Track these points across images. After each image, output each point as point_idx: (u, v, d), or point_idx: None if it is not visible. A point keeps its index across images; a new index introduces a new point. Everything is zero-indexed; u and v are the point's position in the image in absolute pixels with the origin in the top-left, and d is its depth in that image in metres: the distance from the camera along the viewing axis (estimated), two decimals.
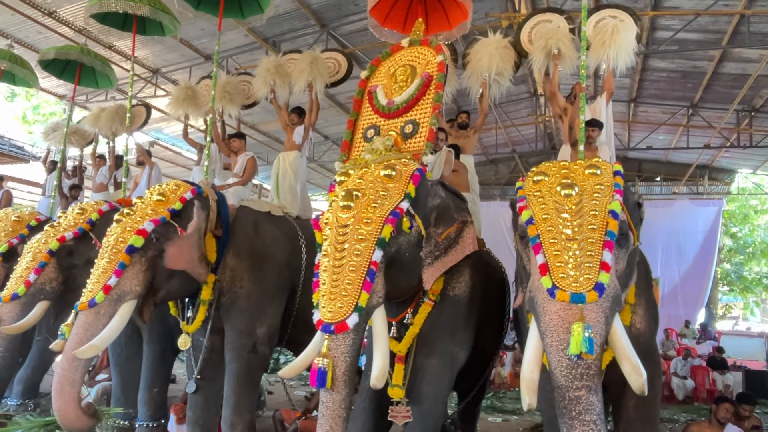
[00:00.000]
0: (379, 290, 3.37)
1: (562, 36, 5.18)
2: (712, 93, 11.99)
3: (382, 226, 3.39)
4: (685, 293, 15.25)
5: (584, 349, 2.67)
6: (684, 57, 10.67)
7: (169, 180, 4.85)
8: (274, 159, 6.42)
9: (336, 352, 3.15)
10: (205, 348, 4.75)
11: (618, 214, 3.07)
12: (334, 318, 3.17)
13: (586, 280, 2.85)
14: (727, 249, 19.75)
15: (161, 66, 11.27)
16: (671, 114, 13.40)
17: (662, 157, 17.06)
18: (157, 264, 4.22)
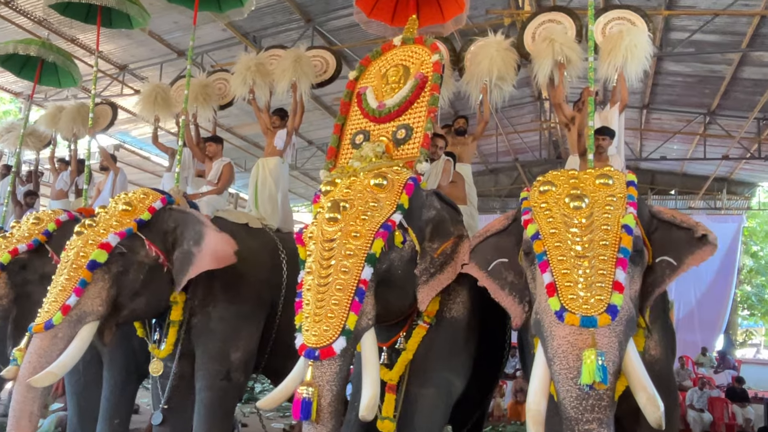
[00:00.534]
0: (369, 311, 3.36)
1: (568, 41, 5.24)
2: (731, 100, 12.17)
3: (372, 240, 3.38)
4: (702, 318, 15.33)
5: (597, 379, 2.67)
6: (700, 60, 10.84)
7: (136, 188, 4.83)
8: (253, 166, 6.42)
9: (321, 380, 3.13)
10: (174, 374, 4.69)
11: (632, 228, 3.09)
12: (319, 342, 3.15)
13: (598, 302, 2.87)
14: (748, 269, 19.93)
15: (129, 62, 11.26)
16: (687, 122, 13.58)
17: (677, 168, 17.27)
18: (122, 281, 4.19)
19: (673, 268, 3.35)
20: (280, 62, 6.26)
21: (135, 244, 4.26)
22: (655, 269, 3.39)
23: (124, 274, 4.19)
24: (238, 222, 5.30)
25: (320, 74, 6.52)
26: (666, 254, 3.40)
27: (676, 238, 3.44)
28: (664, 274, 3.36)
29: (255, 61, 6.40)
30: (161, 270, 4.38)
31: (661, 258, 3.40)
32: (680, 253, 3.38)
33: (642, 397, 2.84)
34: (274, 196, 6.00)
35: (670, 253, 3.39)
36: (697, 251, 3.35)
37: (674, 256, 3.38)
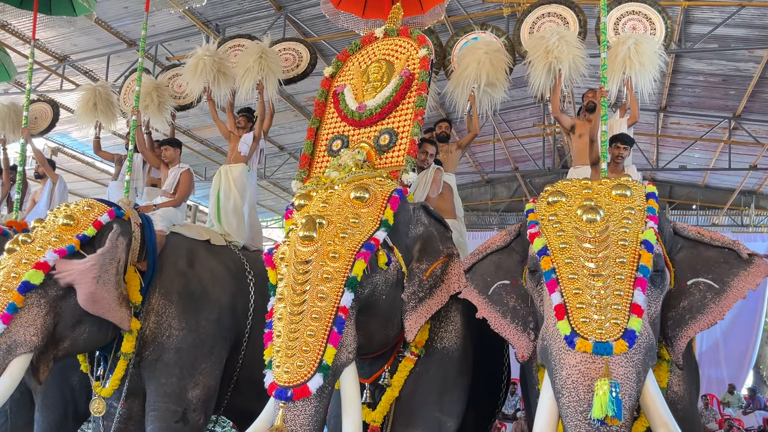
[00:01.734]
0: (350, 344, 3.37)
1: (566, 47, 5.30)
2: (759, 102, 12.38)
3: (352, 261, 3.40)
4: (729, 351, 15.48)
5: (610, 413, 2.70)
6: (724, 57, 11.02)
7: (78, 198, 4.80)
8: (215, 174, 6.40)
9: (294, 424, 3.12)
10: (120, 416, 4.67)
11: (653, 245, 3.15)
12: (292, 380, 3.15)
13: (614, 326, 2.91)
14: None
15: (70, 52, 11.20)
16: (709, 127, 13.80)
17: (699, 180, 17.51)
18: (62, 307, 4.15)
19: (716, 291, 3.42)
20: (242, 57, 6.23)
21: None
22: (691, 293, 3.45)
23: (64, 299, 4.15)
24: (199, 238, 5.30)
25: (292, 69, 6.54)
26: (699, 276, 3.46)
27: (709, 259, 3.53)
28: (706, 298, 3.42)
29: (211, 56, 6.35)
30: None
31: (696, 280, 3.46)
32: (722, 275, 3.45)
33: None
34: (239, 208, 5.98)
35: (706, 274, 3.46)
36: (743, 273, 3.43)
37: (713, 278, 3.45)
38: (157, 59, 10.72)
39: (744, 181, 16.41)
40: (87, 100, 7.04)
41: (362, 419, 3.52)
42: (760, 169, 14.82)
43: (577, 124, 5.71)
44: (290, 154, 15.19)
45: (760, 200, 17.85)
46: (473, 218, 19.61)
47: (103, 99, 7.06)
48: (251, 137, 6.24)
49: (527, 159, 16.34)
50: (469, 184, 19.32)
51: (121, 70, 11.09)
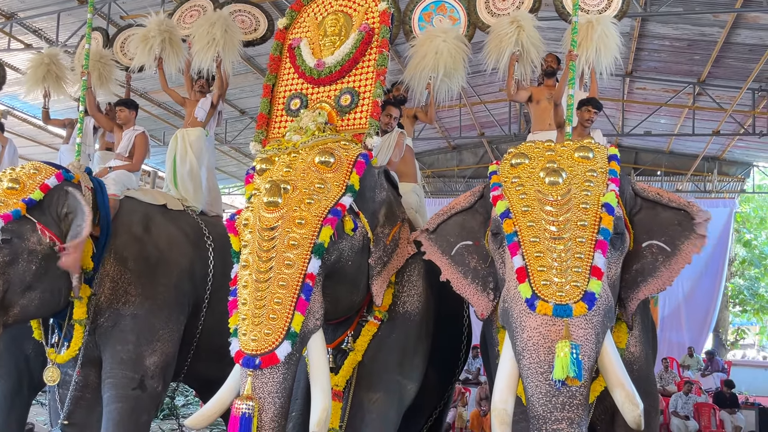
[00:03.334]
0: (317, 310, 3.40)
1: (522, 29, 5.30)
2: (724, 67, 12.49)
3: (319, 228, 3.41)
4: (689, 315, 15.90)
5: (570, 374, 2.76)
6: (690, 22, 11.06)
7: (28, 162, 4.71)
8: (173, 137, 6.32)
9: (263, 392, 3.15)
10: (76, 384, 4.64)
11: (614, 208, 3.19)
12: (260, 348, 3.16)
13: (574, 289, 2.96)
14: (740, 260, 20.67)
15: (18, 10, 10.85)
16: (674, 93, 13.89)
17: (663, 145, 17.71)
18: (10, 273, 4.09)
19: (667, 254, 3.48)
20: (195, 30, 6.06)
21: (24, 228, 4.16)
22: (644, 255, 3.51)
23: (12, 265, 4.10)
24: (155, 203, 5.25)
25: (249, 32, 6.46)
26: (653, 238, 3.52)
27: (664, 220, 3.58)
28: (657, 261, 3.49)
29: (161, 31, 6.26)
30: (58, 259, 4.29)
31: (650, 242, 3.52)
32: (673, 238, 3.51)
33: (620, 395, 2.96)
34: (195, 172, 5.91)
35: (660, 236, 3.52)
36: (695, 236, 3.48)
37: (666, 240, 3.50)
38: (111, 18, 10.45)
39: (707, 146, 16.62)
40: (35, 69, 6.89)
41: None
42: (722, 135, 15.00)
43: (534, 92, 5.74)
44: (251, 119, 14.96)
45: (723, 166, 18.11)
46: (439, 185, 19.70)
47: (53, 67, 6.91)
48: (209, 102, 6.16)
49: (494, 125, 16.34)
50: (435, 150, 19.32)
51: (73, 29, 10.81)
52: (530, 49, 5.33)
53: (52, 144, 14.41)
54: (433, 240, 3.81)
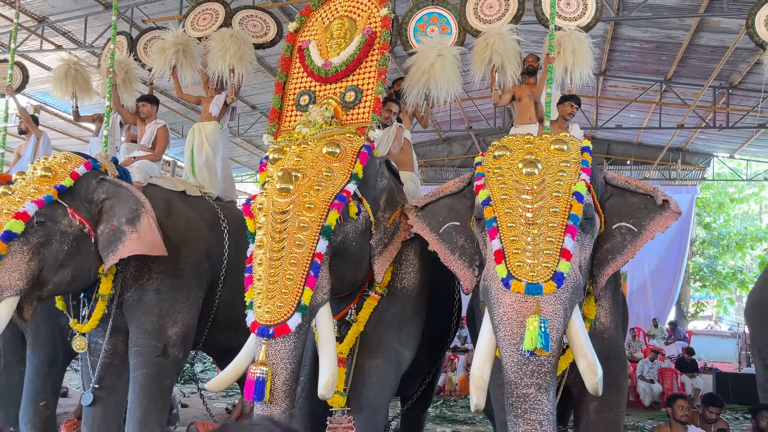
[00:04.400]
0: (324, 286, 3.40)
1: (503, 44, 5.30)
2: (687, 67, 12.46)
3: (326, 212, 3.41)
4: (655, 290, 15.99)
5: (539, 345, 2.81)
6: (657, 25, 11.02)
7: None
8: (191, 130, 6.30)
9: (275, 358, 3.16)
10: (105, 352, 4.64)
11: (583, 196, 3.20)
12: (273, 319, 3.17)
13: (544, 269, 2.98)
14: (700, 241, 20.72)
15: (49, 14, 10.75)
16: (643, 90, 13.86)
17: (633, 138, 17.70)
18: (44, 253, 4.10)
19: (634, 234, 3.50)
20: (211, 45, 6.04)
21: (56, 212, 4.17)
22: (614, 235, 3.53)
23: (46, 245, 4.10)
24: (175, 189, 5.24)
25: (260, 36, 6.44)
26: (623, 220, 3.54)
27: (632, 204, 3.59)
28: (625, 240, 3.51)
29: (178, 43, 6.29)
30: (87, 240, 4.30)
31: (619, 224, 3.54)
32: (640, 219, 3.53)
33: (582, 364, 3.01)
34: (211, 161, 5.91)
35: (628, 219, 3.54)
36: (657, 217, 3.50)
37: (633, 222, 3.52)
38: (134, 21, 10.37)
39: (672, 139, 16.64)
40: (61, 78, 6.88)
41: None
42: (686, 128, 14.97)
43: (516, 90, 5.72)
44: (262, 113, 14.91)
45: (686, 156, 18.12)
46: (431, 173, 19.62)
47: (77, 73, 6.92)
48: (222, 99, 6.14)
49: (480, 119, 16.31)
50: (428, 142, 19.27)
51: (99, 31, 10.74)
52: (506, 62, 5.33)
53: (82, 136, 14.32)
54: (420, 216, 3.84)
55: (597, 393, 3.00)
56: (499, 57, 5.27)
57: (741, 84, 12.49)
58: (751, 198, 21.36)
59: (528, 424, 2.88)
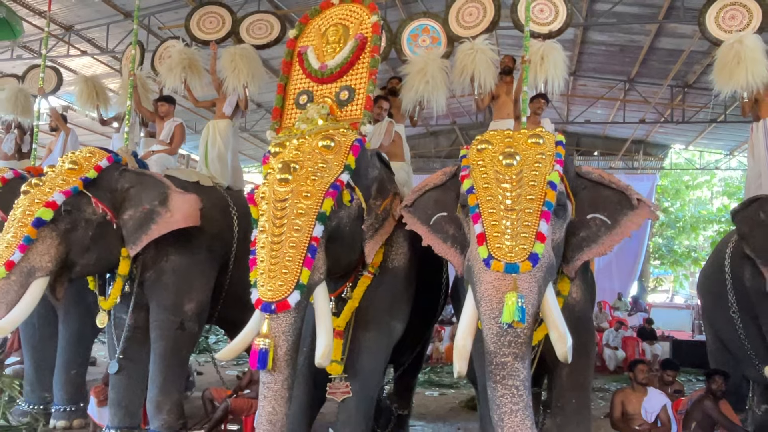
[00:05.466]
0: (321, 266, 3.39)
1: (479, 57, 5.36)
2: (648, 68, 12.44)
3: (322, 199, 3.38)
4: (619, 267, 16.03)
5: (516, 318, 2.81)
6: (622, 30, 11.00)
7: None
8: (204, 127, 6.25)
9: (277, 331, 3.16)
10: (128, 326, 4.64)
11: (556, 184, 3.19)
12: (275, 297, 3.16)
13: (521, 251, 2.97)
14: (659, 224, 20.75)
15: (75, 23, 10.62)
16: (609, 88, 13.83)
17: (600, 131, 17.69)
18: (71, 238, 4.08)
19: (608, 227, 3.49)
20: (222, 63, 5.98)
21: (81, 202, 4.16)
22: (589, 225, 3.52)
23: (72, 231, 4.09)
24: (189, 180, 5.20)
25: (265, 36, 6.37)
26: (597, 212, 3.53)
27: (606, 198, 3.58)
28: (600, 231, 3.50)
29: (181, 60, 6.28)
30: (110, 226, 4.28)
31: (594, 215, 3.52)
32: (614, 214, 3.51)
33: (554, 334, 3.02)
34: (223, 155, 5.88)
35: (602, 211, 3.53)
36: (632, 214, 3.50)
37: (607, 215, 3.51)
38: (150, 28, 10.26)
39: (635, 132, 16.65)
40: (82, 92, 6.93)
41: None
42: (647, 123, 15.01)
43: (495, 89, 5.69)
44: (266, 111, 14.76)
45: (647, 148, 18.13)
46: (420, 164, 19.48)
47: (97, 87, 7.01)
48: (235, 100, 6.09)
49: (464, 114, 16.27)
50: (417, 135, 19.13)
51: (120, 37, 10.58)
52: (483, 73, 5.37)
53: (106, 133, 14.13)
54: (412, 212, 3.79)
55: (566, 360, 3.01)
56: (477, 71, 5.31)
57: (695, 83, 12.50)
58: (704, 185, 21.40)
59: (506, 389, 2.89)
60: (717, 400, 4.23)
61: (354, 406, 3.89)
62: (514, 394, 2.88)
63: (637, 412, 4.20)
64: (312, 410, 4.10)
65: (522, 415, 2.87)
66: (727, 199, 20.36)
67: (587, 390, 3.92)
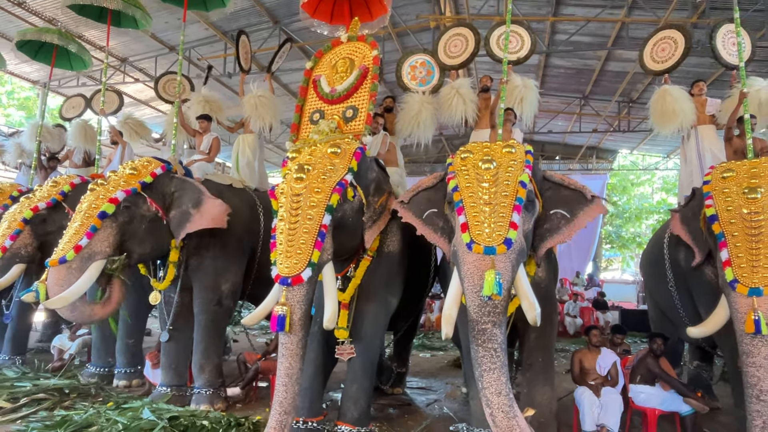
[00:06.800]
0: (328, 249, 3.39)
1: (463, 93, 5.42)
2: (599, 87, 12.45)
3: (330, 194, 3.39)
4: (577, 250, 15.97)
5: (494, 291, 2.81)
6: (578, 57, 10.99)
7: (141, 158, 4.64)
8: (235, 141, 6.23)
9: (293, 300, 3.16)
10: (176, 303, 4.65)
11: (526, 184, 3.19)
12: (291, 272, 3.16)
13: (498, 236, 2.97)
14: (610, 214, 20.74)
15: (129, 55, 10.61)
16: (567, 104, 13.82)
17: (560, 140, 17.62)
18: (128, 229, 4.06)
19: (567, 219, 3.49)
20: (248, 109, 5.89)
21: (138, 200, 4.15)
22: (551, 219, 3.51)
23: (130, 224, 4.09)
24: (224, 183, 5.20)
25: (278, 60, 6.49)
26: (558, 208, 3.52)
27: (565, 196, 3.58)
28: (560, 223, 3.49)
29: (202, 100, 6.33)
30: (161, 222, 4.27)
31: (555, 210, 3.52)
32: (572, 208, 3.51)
33: (525, 304, 3.03)
34: (251, 163, 5.87)
35: (562, 207, 3.52)
36: (587, 208, 3.50)
37: (567, 210, 3.50)
38: (191, 59, 10.24)
39: (589, 140, 16.62)
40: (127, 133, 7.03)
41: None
42: (599, 132, 14.99)
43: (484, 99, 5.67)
44: (286, 126, 14.63)
45: (599, 153, 18.07)
46: (412, 168, 19.35)
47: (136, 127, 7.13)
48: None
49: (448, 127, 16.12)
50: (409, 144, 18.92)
51: (166, 67, 10.52)
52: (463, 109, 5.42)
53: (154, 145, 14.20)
54: (407, 208, 3.78)
55: (536, 324, 3.01)
56: (460, 110, 5.40)
57: (638, 99, 12.48)
58: (646, 182, 21.37)
59: (486, 351, 2.90)
60: (657, 357, 4.22)
61: (360, 366, 3.90)
62: (492, 355, 2.88)
63: (593, 368, 4.20)
64: (326, 370, 4.10)
65: (498, 372, 2.87)
66: (665, 194, 20.39)
67: (551, 350, 3.92)
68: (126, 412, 4.00)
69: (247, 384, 4.92)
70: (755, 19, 8.27)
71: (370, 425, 3.93)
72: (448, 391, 5.49)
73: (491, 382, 2.86)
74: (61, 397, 4.60)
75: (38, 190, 5.14)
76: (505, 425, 2.81)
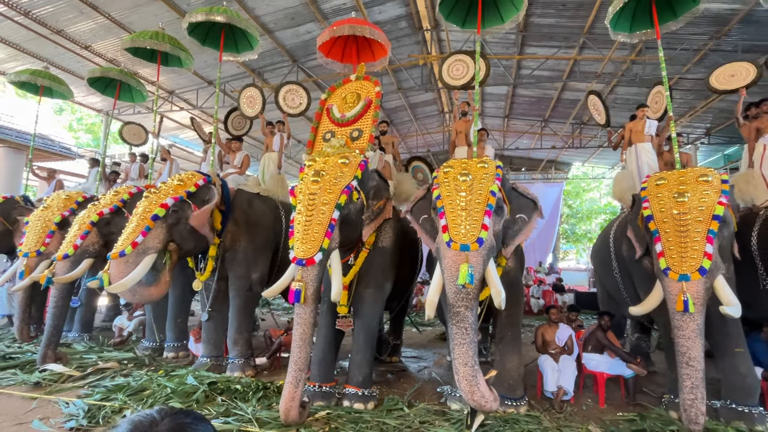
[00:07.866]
0: (336, 238, 3.39)
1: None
2: (557, 112, 12.48)
3: (339, 195, 3.40)
4: (540, 242, 15.93)
5: (467, 281, 2.82)
6: (539, 87, 11.02)
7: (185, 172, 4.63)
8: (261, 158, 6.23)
9: (307, 278, 3.18)
10: (214, 289, 4.65)
11: (496, 193, 3.19)
12: (306, 255, 3.18)
13: (472, 236, 2.97)
14: (566, 215, 20.79)
15: (175, 88, 10.61)
16: (531, 125, 13.86)
17: (525, 154, 17.64)
18: (175, 230, 4.05)
19: (524, 222, 3.49)
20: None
21: (184, 206, 4.14)
22: (516, 222, 3.52)
23: (176, 225, 4.08)
24: (253, 192, 5.19)
25: (298, 107, 6.18)
26: (521, 213, 3.54)
27: (524, 203, 3.60)
28: (521, 227, 3.50)
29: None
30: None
31: (519, 215, 3.53)
32: (528, 213, 3.53)
33: (493, 291, 3.02)
34: (275, 176, 5.85)
35: (523, 212, 3.54)
36: (534, 214, 3.54)
37: (525, 214, 3.52)
38: (226, 92, 10.22)
39: (548, 155, 16.63)
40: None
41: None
42: (557, 148, 14.98)
43: (456, 126, 5.64)
44: (303, 144, 14.78)
45: (557, 165, 18.06)
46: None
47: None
48: (279, 140, 6.03)
49: (435, 145, 16.26)
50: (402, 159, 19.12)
51: (205, 98, 10.59)
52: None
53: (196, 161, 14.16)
54: (412, 215, 3.75)
55: (501, 307, 2.99)
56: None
57: (588, 122, 12.51)
58: (595, 189, 21.43)
59: (458, 329, 2.89)
60: (605, 331, 4.22)
61: (362, 339, 3.89)
62: (463, 332, 2.88)
63: (552, 340, 4.20)
64: (336, 344, 4.09)
65: (467, 347, 2.87)
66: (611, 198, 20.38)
67: (519, 326, 3.91)
68: (173, 379, 4.00)
69: (272, 355, 4.91)
70: (681, 56, 8.29)
71: (372, 387, 3.92)
72: (435, 360, 5.48)
73: (460, 354, 2.86)
74: (120, 366, 4.60)
75: (102, 198, 5.14)
76: (468, 389, 2.84)
